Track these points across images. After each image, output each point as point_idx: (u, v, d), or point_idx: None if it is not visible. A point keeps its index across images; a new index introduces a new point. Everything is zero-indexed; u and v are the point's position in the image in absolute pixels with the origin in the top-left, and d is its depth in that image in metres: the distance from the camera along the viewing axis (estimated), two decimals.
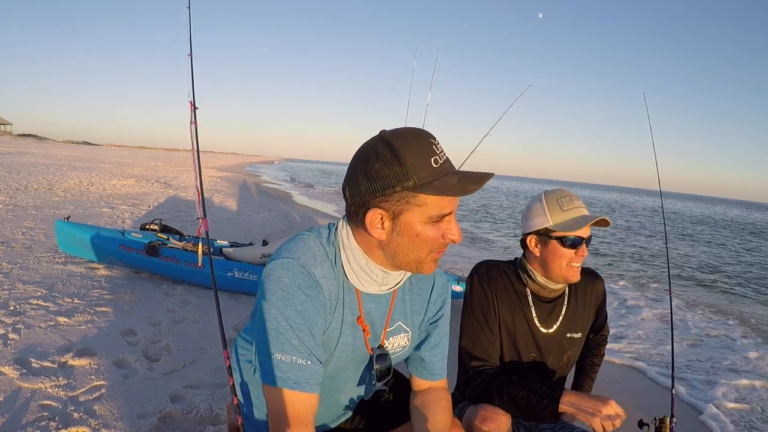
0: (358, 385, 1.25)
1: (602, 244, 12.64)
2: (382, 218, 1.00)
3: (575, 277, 1.51)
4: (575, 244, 1.48)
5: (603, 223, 1.48)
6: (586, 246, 1.50)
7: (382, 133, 1.01)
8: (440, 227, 1.01)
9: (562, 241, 1.47)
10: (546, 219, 1.49)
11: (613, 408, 1.31)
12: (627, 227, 17.93)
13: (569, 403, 1.37)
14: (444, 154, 1.00)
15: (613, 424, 1.31)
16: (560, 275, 1.50)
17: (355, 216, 1.04)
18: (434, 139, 1.01)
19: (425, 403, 1.25)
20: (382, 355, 1.17)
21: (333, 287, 1.07)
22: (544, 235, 1.50)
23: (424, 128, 1.05)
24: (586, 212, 1.50)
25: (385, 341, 1.18)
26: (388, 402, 1.39)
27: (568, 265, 1.49)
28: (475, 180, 0.98)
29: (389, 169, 0.96)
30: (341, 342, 1.11)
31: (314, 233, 1.11)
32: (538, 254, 1.52)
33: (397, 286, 1.14)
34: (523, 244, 1.58)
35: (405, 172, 0.95)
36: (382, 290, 1.12)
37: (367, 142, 1.02)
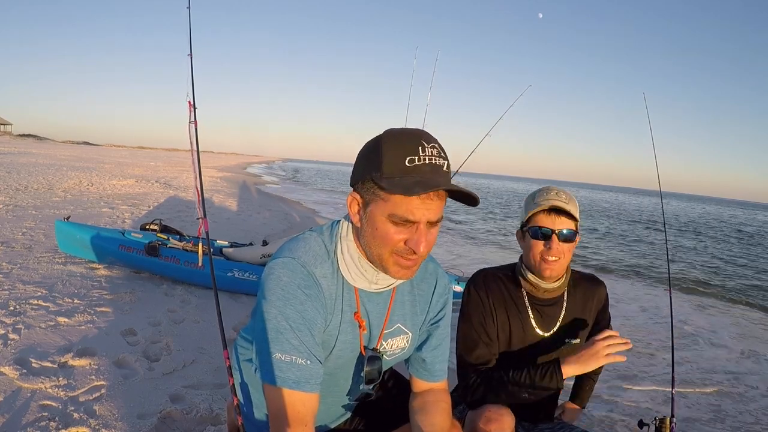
0: (358, 384, 1.25)
1: (603, 244, 12.65)
2: (358, 204, 1.03)
3: (551, 272, 1.48)
4: (541, 235, 1.46)
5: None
6: (559, 239, 1.45)
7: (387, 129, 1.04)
8: (402, 231, 0.98)
9: (531, 232, 1.49)
10: (525, 212, 1.53)
11: (605, 333, 1.39)
12: (629, 233, 17.95)
13: (571, 363, 1.41)
14: (431, 159, 0.96)
15: (614, 345, 1.37)
16: (537, 269, 1.50)
17: None
18: (428, 142, 0.97)
19: (424, 404, 1.24)
20: (374, 357, 1.16)
21: (333, 286, 1.07)
22: (523, 226, 1.55)
23: (425, 128, 1.05)
24: (559, 204, 1.45)
25: (382, 342, 1.18)
26: (387, 403, 1.39)
27: (542, 259, 1.47)
28: (428, 185, 0.93)
29: (368, 157, 1.00)
30: (340, 340, 1.11)
31: (317, 231, 1.11)
32: (522, 247, 1.57)
33: (392, 285, 1.14)
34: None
35: (378, 164, 0.97)
36: (373, 288, 1.11)
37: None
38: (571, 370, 1.41)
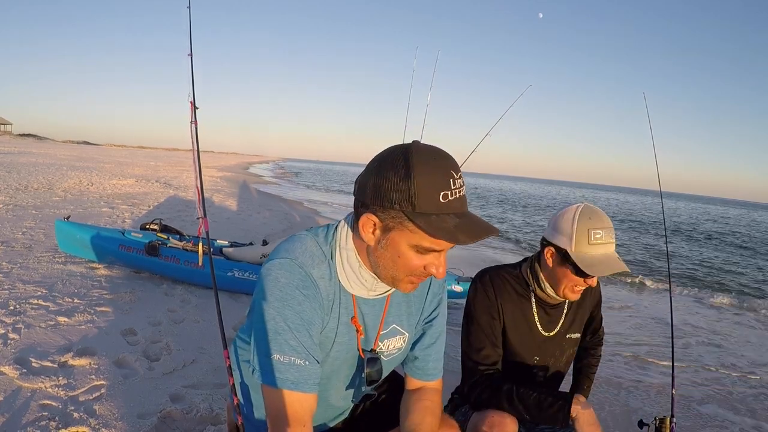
0: (355, 385, 1.25)
1: None
2: (374, 225, 0.99)
3: (575, 298, 1.52)
4: (585, 276, 1.45)
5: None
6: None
7: (411, 144, 0.98)
8: (425, 258, 0.99)
9: (576, 269, 1.44)
10: (569, 242, 1.43)
11: None
12: (628, 233, 17.92)
13: (581, 414, 1.38)
14: (459, 191, 0.95)
15: None
16: (562, 293, 1.51)
17: (356, 213, 1.03)
18: (456, 171, 0.96)
19: (413, 402, 1.24)
20: (373, 359, 1.16)
21: (330, 287, 1.08)
22: (562, 254, 1.46)
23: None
24: (611, 250, 1.45)
25: (379, 344, 1.18)
26: (385, 403, 1.39)
27: (572, 287, 1.49)
28: (471, 233, 0.94)
29: (397, 184, 0.93)
30: (337, 342, 1.11)
31: (311, 233, 1.11)
32: (550, 266, 1.50)
33: (389, 292, 1.14)
34: (543, 247, 1.55)
35: (409, 194, 0.92)
36: (371, 295, 1.12)
37: (396, 145, 1.00)
38: (577, 412, 1.38)
